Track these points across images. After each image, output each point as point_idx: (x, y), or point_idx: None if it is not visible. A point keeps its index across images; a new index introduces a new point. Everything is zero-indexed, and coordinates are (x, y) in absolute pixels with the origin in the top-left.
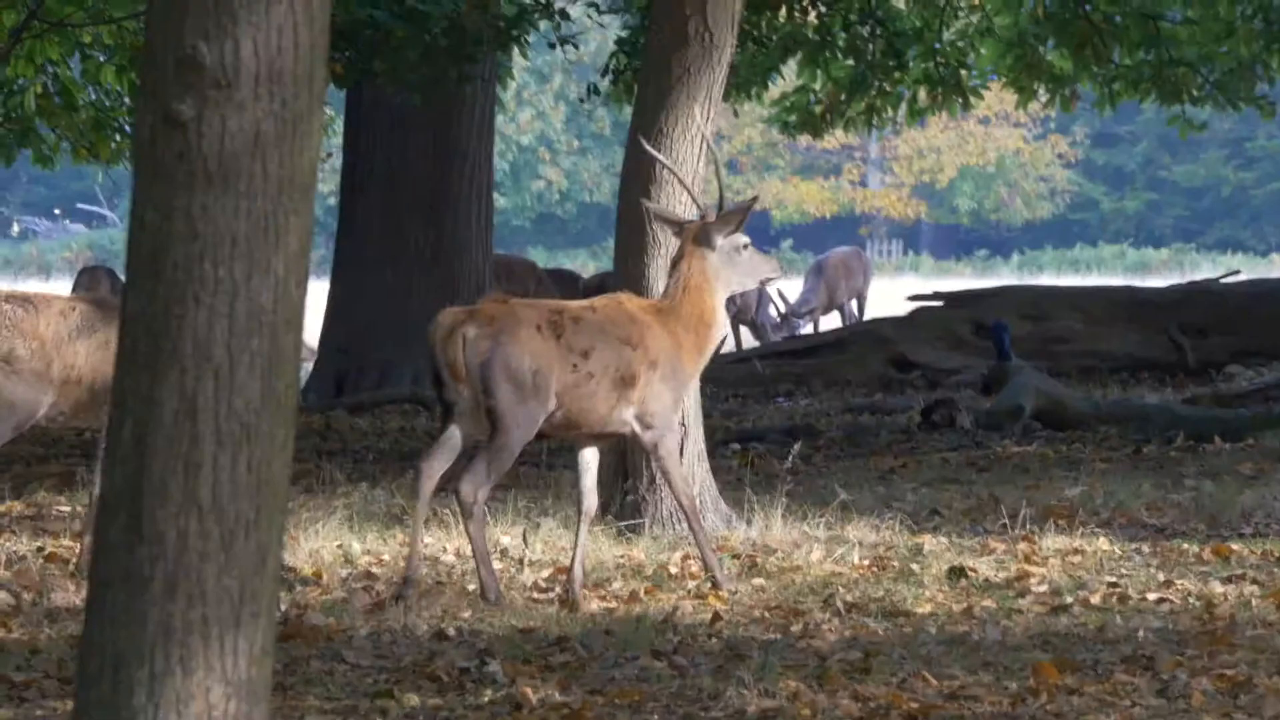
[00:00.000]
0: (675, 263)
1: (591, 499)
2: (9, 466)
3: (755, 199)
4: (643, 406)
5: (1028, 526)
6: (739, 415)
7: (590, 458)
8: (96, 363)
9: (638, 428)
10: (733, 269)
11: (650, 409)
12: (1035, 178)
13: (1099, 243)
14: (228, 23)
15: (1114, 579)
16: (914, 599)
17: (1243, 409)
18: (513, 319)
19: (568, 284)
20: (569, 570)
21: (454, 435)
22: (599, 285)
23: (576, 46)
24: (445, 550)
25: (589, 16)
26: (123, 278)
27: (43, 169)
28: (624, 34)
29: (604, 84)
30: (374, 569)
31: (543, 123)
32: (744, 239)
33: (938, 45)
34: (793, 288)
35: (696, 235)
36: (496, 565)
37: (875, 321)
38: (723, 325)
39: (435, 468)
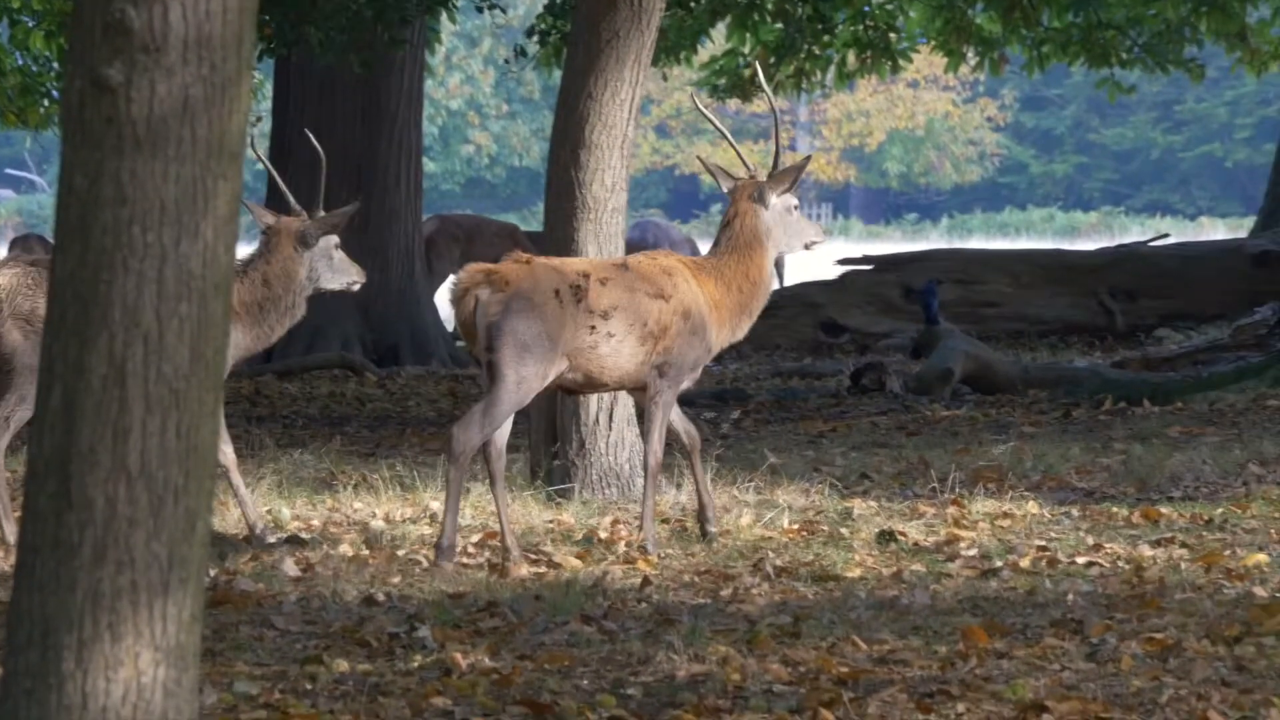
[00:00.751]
0: (728, 220)
1: (693, 432)
2: None
3: (809, 158)
4: (667, 356)
5: (957, 490)
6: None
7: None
8: None
9: (652, 377)
10: (783, 229)
11: (671, 360)
12: (964, 141)
13: (1028, 206)
14: None
15: (1043, 542)
16: (843, 563)
17: (1171, 372)
18: (530, 282)
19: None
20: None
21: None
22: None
23: (504, 10)
24: (374, 516)
25: None
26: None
27: None
28: None
29: (531, 46)
30: (304, 534)
31: (471, 87)
32: (794, 200)
33: (866, 8)
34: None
35: (751, 193)
36: (425, 530)
37: (805, 285)
38: (770, 285)
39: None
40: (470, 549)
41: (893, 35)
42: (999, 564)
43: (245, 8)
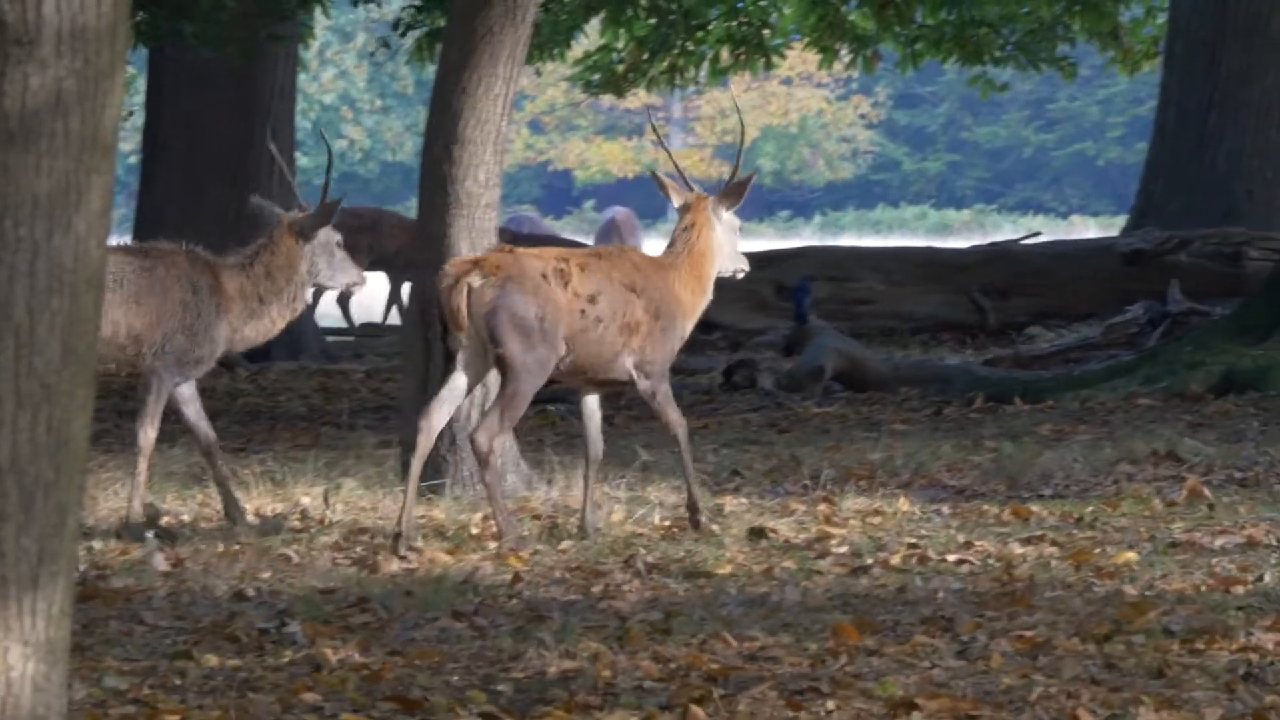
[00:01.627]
0: (685, 228)
1: (598, 446)
2: None
3: (753, 176)
4: (642, 355)
5: (828, 487)
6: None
7: (593, 405)
8: (118, 317)
9: (636, 375)
10: (728, 246)
11: (649, 357)
12: (837, 138)
13: (901, 204)
14: None
15: (914, 540)
16: (714, 560)
17: (1043, 370)
18: (518, 268)
19: None
20: (580, 514)
21: (458, 385)
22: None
23: (379, 4)
24: (245, 511)
25: None
26: None
27: None
28: None
29: (397, 39)
30: (174, 529)
31: (345, 82)
32: (738, 221)
33: (740, 5)
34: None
35: (708, 206)
36: (295, 525)
37: None
38: (709, 296)
39: (438, 420)
40: (341, 544)
41: (766, 32)
42: (870, 561)
43: (118, 2)
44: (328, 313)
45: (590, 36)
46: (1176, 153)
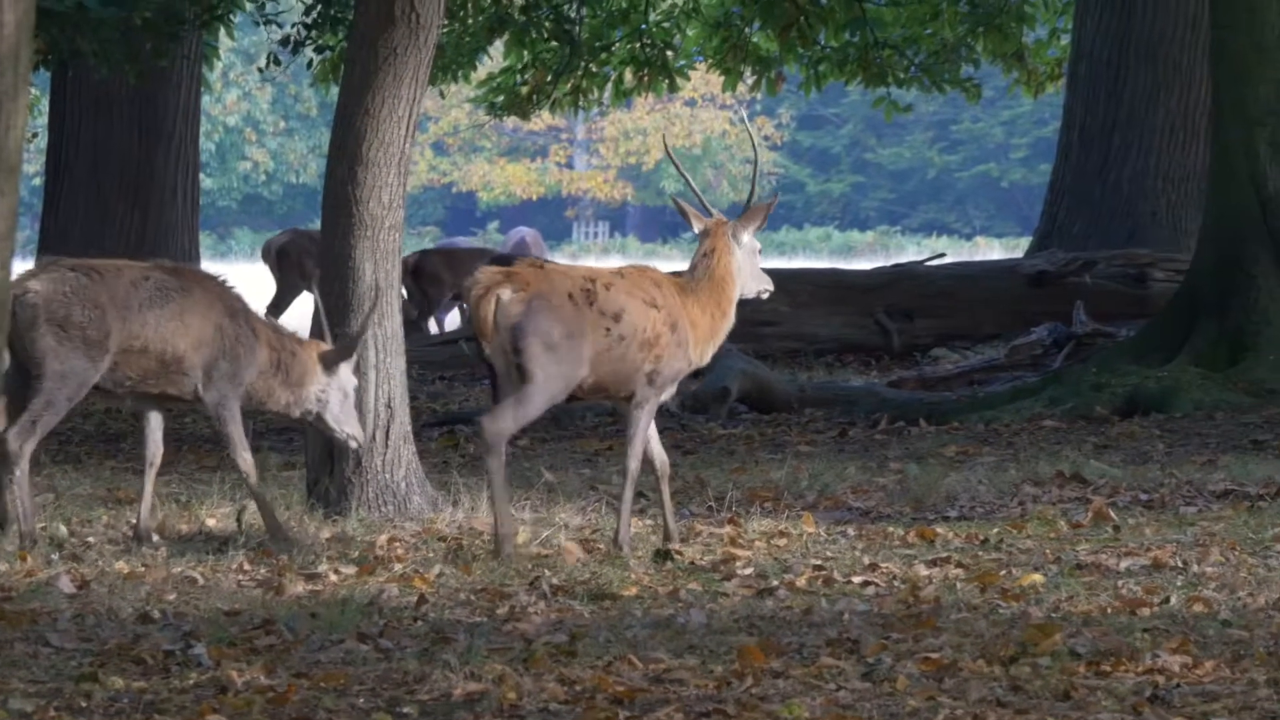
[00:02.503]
0: (705, 253)
1: (663, 459)
2: None
3: (775, 199)
4: (655, 365)
5: (733, 509)
6: (445, 398)
7: (643, 424)
8: (167, 333)
9: (640, 384)
10: (749, 269)
11: (660, 370)
12: (741, 160)
13: (805, 225)
14: None
15: (819, 562)
16: (620, 582)
17: (947, 392)
18: (548, 284)
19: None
20: (664, 527)
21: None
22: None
23: (280, 26)
24: (152, 532)
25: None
26: None
27: None
28: (309, 4)
29: (289, 55)
30: (79, 552)
31: (249, 103)
32: (758, 244)
33: (644, 26)
34: None
35: (728, 231)
36: (201, 548)
37: None
38: (732, 320)
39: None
40: (245, 565)
41: (670, 53)
42: (775, 583)
43: (22, 23)
44: None
45: (494, 58)
46: (1081, 174)
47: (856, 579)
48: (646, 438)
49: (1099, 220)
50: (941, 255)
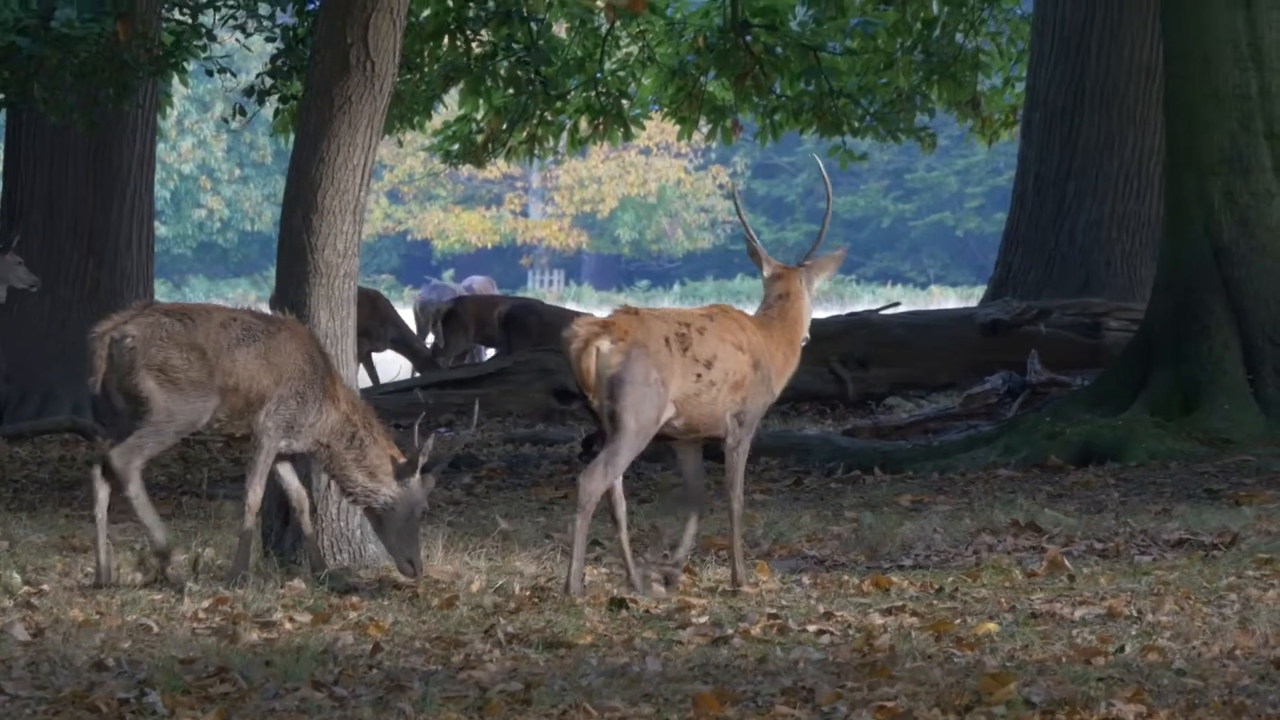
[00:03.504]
0: (780, 295)
1: (700, 493)
2: None
3: (845, 249)
4: (742, 406)
5: (689, 557)
6: (402, 446)
7: (694, 458)
8: (253, 372)
9: (731, 425)
10: (811, 315)
11: (747, 408)
12: (696, 208)
13: (760, 274)
14: None
15: (774, 610)
16: (575, 630)
17: (902, 440)
18: (644, 331)
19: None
20: (733, 568)
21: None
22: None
23: (234, 74)
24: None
25: (237, 40)
26: None
27: None
28: (274, 55)
29: (254, 106)
30: (34, 600)
31: (204, 151)
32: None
33: (599, 75)
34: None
35: (801, 277)
36: (156, 596)
37: (537, 352)
38: (798, 360)
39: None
40: (201, 614)
41: (625, 102)
42: (730, 632)
43: None
44: None
45: (449, 106)
46: (1035, 223)
47: (811, 627)
48: (736, 477)
49: (1053, 269)
50: (896, 304)
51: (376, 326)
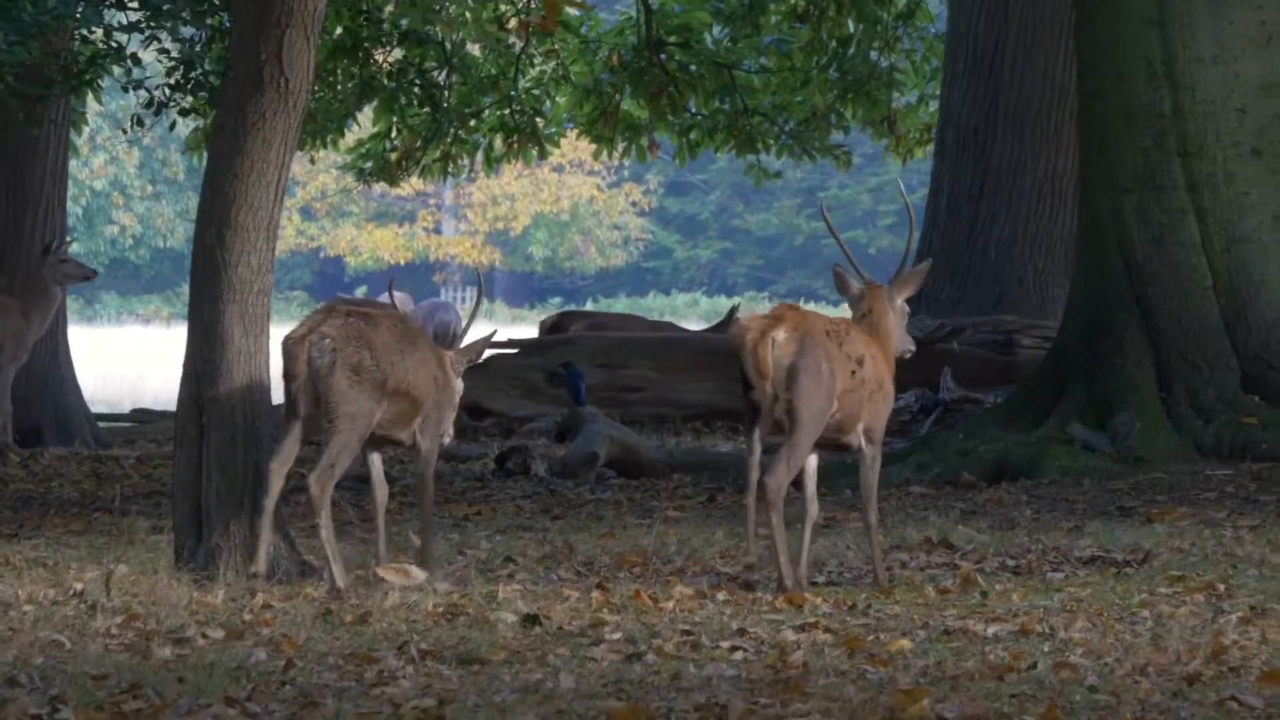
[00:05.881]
0: (864, 314)
1: (815, 505)
2: None
3: (928, 265)
4: (869, 421)
5: (601, 574)
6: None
7: (812, 466)
8: (416, 378)
9: (863, 441)
10: (898, 331)
11: (873, 424)
12: (609, 225)
13: (672, 291)
14: None
15: (687, 627)
16: (488, 646)
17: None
18: (810, 325)
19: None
20: (794, 568)
21: (755, 440)
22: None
23: (150, 91)
24: (17, 597)
25: (155, 56)
26: None
27: None
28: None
29: (151, 116)
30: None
31: (116, 168)
32: (908, 308)
33: (513, 93)
34: None
35: (884, 294)
36: (68, 612)
37: None
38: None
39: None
40: (114, 630)
41: (539, 121)
42: (643, 648)
43: None
44: (100, 397)
45: (363, 124)
46: (948, 241)
47: (724, 644)
48: (871, 494)
49: (967, 287)
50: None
51: None
